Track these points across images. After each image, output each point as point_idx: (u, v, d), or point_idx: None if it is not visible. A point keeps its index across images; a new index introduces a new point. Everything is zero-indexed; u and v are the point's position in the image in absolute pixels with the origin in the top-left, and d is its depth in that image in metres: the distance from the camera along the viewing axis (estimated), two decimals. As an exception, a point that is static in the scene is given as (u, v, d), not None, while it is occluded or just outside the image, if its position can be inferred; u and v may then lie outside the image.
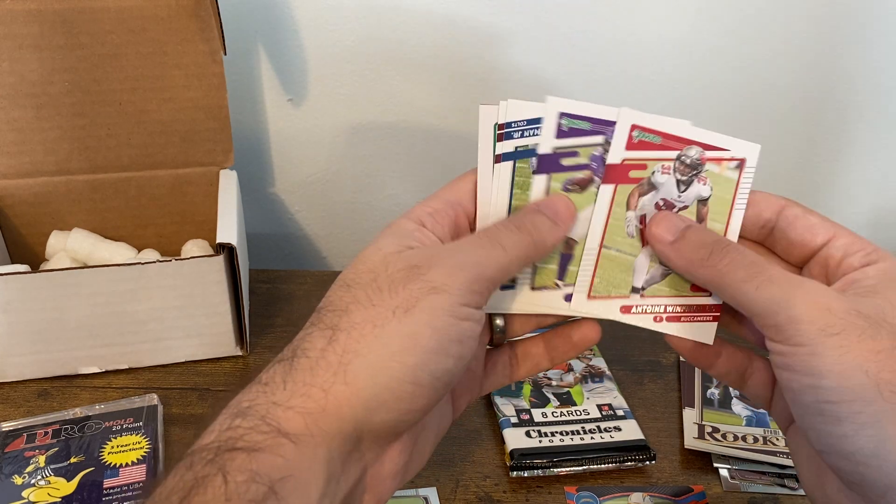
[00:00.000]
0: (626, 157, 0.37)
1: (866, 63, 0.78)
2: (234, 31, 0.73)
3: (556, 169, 0.38)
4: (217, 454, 0.29)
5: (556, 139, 0.38)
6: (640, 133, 0.38)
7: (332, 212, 0.87)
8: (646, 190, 0.38)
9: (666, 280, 0.39)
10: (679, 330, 0.39)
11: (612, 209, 0.38)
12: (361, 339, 0.32)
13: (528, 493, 0.56)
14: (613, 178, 0.38)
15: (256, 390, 0.32)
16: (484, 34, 0.76)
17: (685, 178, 0.38)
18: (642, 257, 0.38)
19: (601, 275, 0.38)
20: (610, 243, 0.38)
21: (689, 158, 0.38)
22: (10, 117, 0.67)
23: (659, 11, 0.75)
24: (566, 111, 0.37)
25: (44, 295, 0.60)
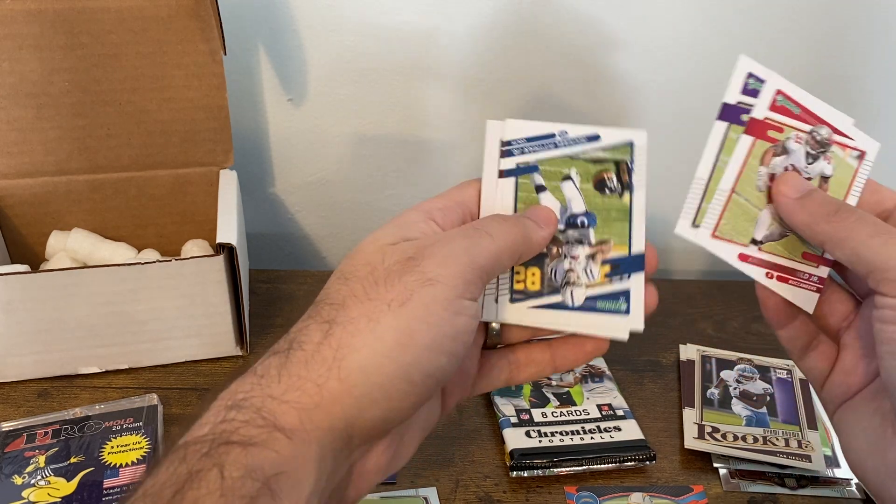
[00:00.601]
0: (767, 115, 0.40)
1: (866, 64, 0.78)
2: (234, 31, 0.73)
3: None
4: (212, 447, 0.29)
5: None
6: (784, 99, 0.40)
7: (332, 212, 0.87)
8: (779, 152, 0.40)
9: (783, 241, 0.40)
10: (784, 291, 0.41)
11: (748, 161, 0.40)
12: (357, 334, 0.32)
13: (528, 493, 0.56)
14: (754, 131, 0.40)
15: (252, 382, 0.32)
16: (482, 34, 0.76)
17: (814, 153, 0.41)
18: (766, 212, 0.40)
19: (728, 217, 0.40)
20: (740, 191, 0.40)
21: (819, 135, 0.41)
22: (10, 117, 0.67)
23: (659, 13, 0.75)
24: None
25: (44, 295, 0.60)
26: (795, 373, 0.67)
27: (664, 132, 0.82)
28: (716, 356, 0.69)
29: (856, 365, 0.40)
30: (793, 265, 0.41)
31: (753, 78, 0.40)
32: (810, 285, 0.41)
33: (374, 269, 0.34)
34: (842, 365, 0.41)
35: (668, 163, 0.89)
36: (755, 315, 0.76)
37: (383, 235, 0.36)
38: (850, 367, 0.41)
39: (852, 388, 0.40)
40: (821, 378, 0.42)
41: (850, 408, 0.40)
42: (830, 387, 0.41)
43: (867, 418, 0.38)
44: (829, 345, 0.42)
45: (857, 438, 0.39)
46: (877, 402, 0.39)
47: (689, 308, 0.76)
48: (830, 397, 0.41)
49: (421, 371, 0.32)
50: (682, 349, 0.70)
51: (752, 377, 0.66)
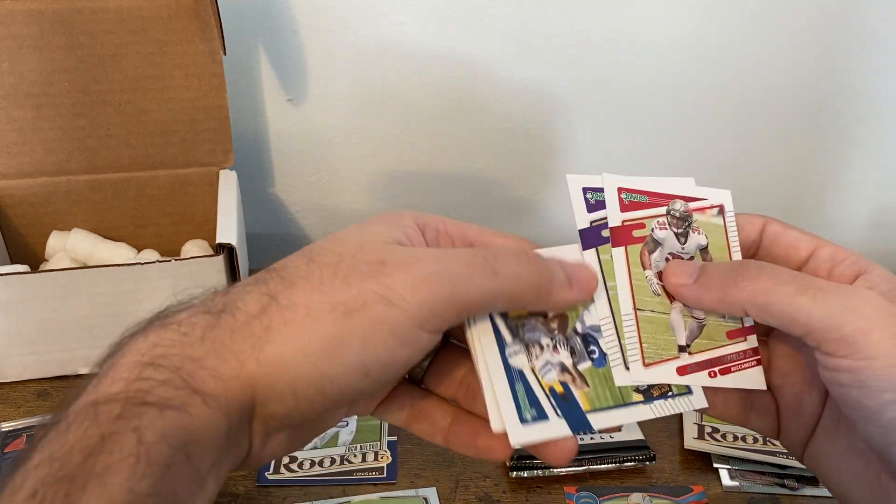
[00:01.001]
0: (623, 218, 0.38)
1: (866, 63, 0.78)
2: (234, 31, 0.73)
3: None
4: (125, 408, 0.26)
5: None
6: (628, 195, 0.38)
7: (332, 212, 0.87)
8: (652, 248, 0.38)
9: (704, 332, 0.38)
10: (733, 381, 0.38)
11: (632, 270, 0.38)
12: (289, 324, 0.29)
13: (528, 493, 0.56)
14: (620, 240, 0.38)
15: (172, 337, 0.29)
16: (483, 35, 0.76)
17: (681, 231, 0.38)
18: (675, 313, 0.38)
19: (647, 339, 0.37)
20: (641, 305, 0.37)
21: (677, 212, 0.39)
22: (10, 117, 0.67)
23: (659, 14, 0.75)
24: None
25: (44, 295, 0.60)
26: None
27: (670, 135, 0.82)
28: (716, 356, 0.69)
29: (799, 403, 0.37)
30: (725, 352, 0.38)
31: (590, 191, 0.38)
32: (749, 362, 0.38)
33: (341, 260, 0.31)
34: (786, 411, 0.38)
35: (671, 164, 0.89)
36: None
37: (368, 229, 0.33)
38: (794, 408, 0.38)
39: (808, 427, 0.37)
40: (774, 432, 0.39)
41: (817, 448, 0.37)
42: (787, 435, 0.38)
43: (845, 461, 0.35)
44: (764, 399, 0.38)
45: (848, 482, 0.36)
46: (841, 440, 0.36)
47: (689, 308, 0.76)
48: (791, 444, 0.38)
49: (337, 387, 0.29)
50: (682, 349, 0.70)
51: (752, 377, 0.66)
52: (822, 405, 0.37)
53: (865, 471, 0.35)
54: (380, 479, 0.56)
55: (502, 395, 0.33)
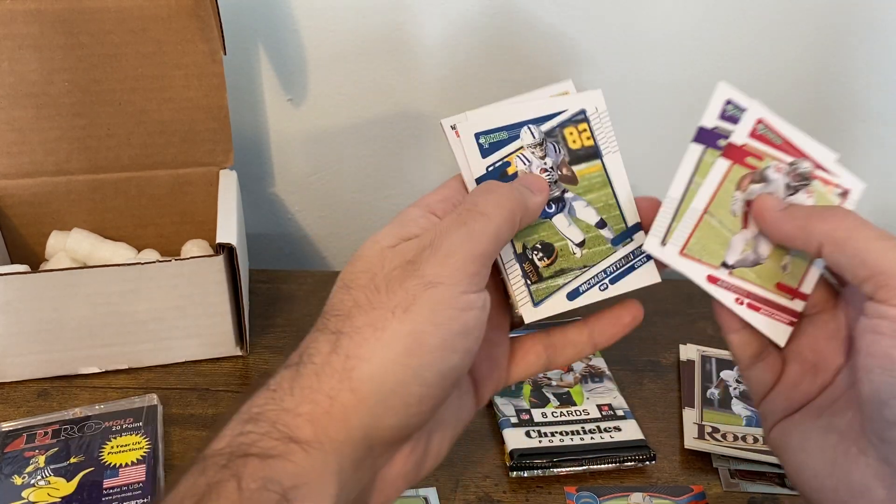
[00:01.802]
0: (746, 142, 0.39)
1: (867, 62, 0.78)
2: (234, 31, 0.73)
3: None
4: (230, 460, 0.29)
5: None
6: (765, 129, 0.39)
7: (332, 212, 0.87)
8: (758, 179, 0.39)
9: (756, 268, 0.39)
10: (755, 320, 0.39)
11: (724, 184, 0.39)
12: (364, 344, 0.32)
13: (528, 493, 0.56)
14: (732, 156, 0.39)
15: (266, 396, 0.32)
16: (483, 35, 0.76)
17: (794, 184, 0.39)
18: (739, 237, 0.39)
19: (698, 237, 0.39)
20: (714, 212, 0.39)
21: (801, 168, 0.39)
22: (10, 117, 0.67)
23: (661, 11, 0.75)
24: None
25: (44, 295, 0.60)
26: (795, 373, 0.67)
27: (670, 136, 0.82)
28: (716, 356, 0.69)
29: (801, 380, 0.39)
30: (766, 294, 0.39)
31: (732, 105, 0.39)
32: (783, 317, 0.39)
33: (375, 276, 0.33)
34: (787, 378, 0.39)
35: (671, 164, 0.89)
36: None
37: (382, 237, 0.35)
38: (794, 381, 0.39)
39: (794, 403, 0.39)
40: (763, 391, 0.40)
41: (793, 424, 0.38)
42: (771, 401, 0.40)
43: (818, 437, 0.37)
44: (776, 357, 0.40)
45: (810, 458, 0.37)
46: (825, 419, 0.37)
47: (689, 308, 0.76)
48: (770, 411, 0.40)
49: (434, 372, 0.32)
50: (682, 349, 0.70)
51: (752, 377, 0.66)
52: (819, 391, 0.39)
53: (835, 448, 0.36)
54: (380, 479, 0.56)
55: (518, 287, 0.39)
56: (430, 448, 0.36)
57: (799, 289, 0.39)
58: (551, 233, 0.39)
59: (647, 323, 0.78)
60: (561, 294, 0.39)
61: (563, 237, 0.39)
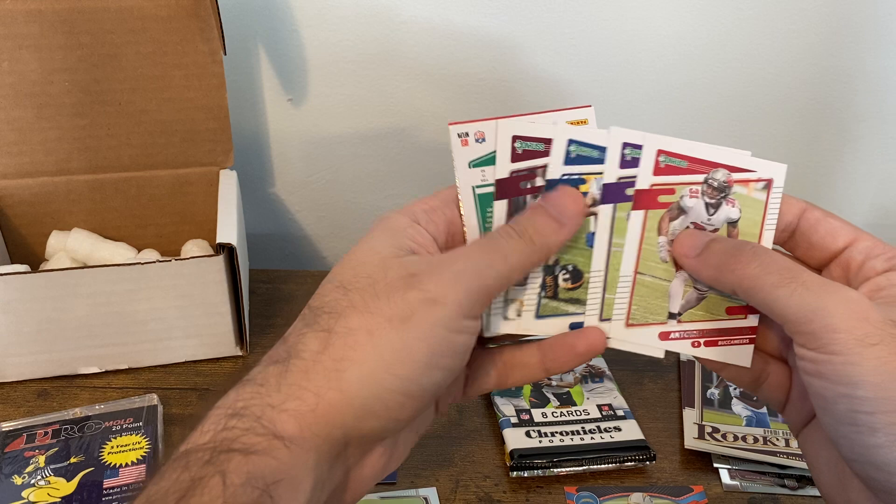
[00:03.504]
0: (654, 181, 0.37)
1: (867, 63, 0.78)
2: (234, 31, 0.73)
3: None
4: (213, 455, 0.29)
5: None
6: (667, 158, 0.38)
7: (332, 212, 0.87)
8: (675, 215, 0.38)
9: (702, 304, 0.39)
10: (717, 354, 0.39)
11: (645, 235, 0.38)
12: (357, 347, 0.32)
13: (528, 493, 0.56)
14: (643, 203, 0.38)
15: (251, 391, 0.32)
16: (483, 35, 0.76)
17: (713, 201, 0.38)
18: (677, 282, 0.38)
19: (638, 302, 0.38)
20: (644, 269, 0.38)
21: (716, 181, 0.38)
22: (10, 117, 0.67)
23: (661, 11, 0.75)
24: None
25: (44, 295, 0.60)
26: (795, 373, 0.67)
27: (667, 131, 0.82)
28: (716, 356, 0.69)
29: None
30: (719, 325, 0.39)
31: (629, 147, 0.37)
32: (741, 339, 0.39)
33: (376, 282, 0.33)
34: (796, 391, 0.39)
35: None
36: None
37: (380, 246, 0.35)
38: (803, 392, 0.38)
39: (811, 412, 0.38)
40: (778, 407, 0.40)
41: (812, 432, 0.38)
42: (789, 413, 0.40)
43: (827, 450, 0.37)
44: (779, 373, 0.40)
45: (821, 470, 0.37)
46: None
47: (689, 308, 0.76)
48: (791, 421, 0.40)
49: (418, 385, 0.33)
50: (683, 349, 0.70)
51: (752, 377, 0.66)
52: None
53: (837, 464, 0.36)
54: (380, 479, 0.56)
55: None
56: (396, 451, 0.37)
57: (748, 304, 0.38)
58: (587, 261, 0.38)
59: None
60: (564, 321, 0.38)
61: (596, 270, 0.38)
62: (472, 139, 0.38)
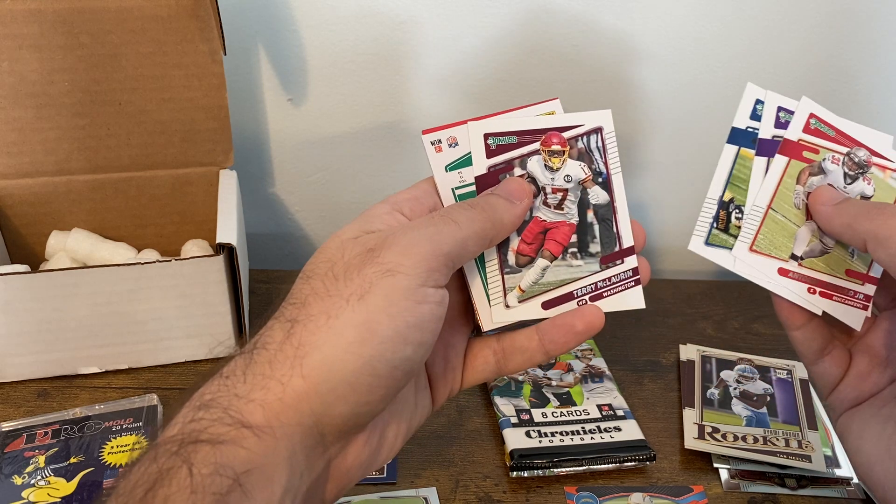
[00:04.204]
0: (801, 137, 0.40)
1: (867, 63, 0.78)
2: (234, 31, 0.73)
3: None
4: (181, 446, 0.29)
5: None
6: (817, 122, 0.41)
7: (332, 212, 0.87)
8: (816, 171, 0.40)
9: (824, 257, 0.40)
10: (829, 307, 0.40)
11: (784, 179, 0.40)
12: (317, 332, 0.32)
13: (528, 493, 0.56)
14: (788, 151, 0.40)
15: (218, 383, 0.32)
16: (482, 36, 0.76)
17: (852, 173, 0.40)
18: (805, 229, 0.40)
19: (765, 233, 0.40)
20: (777, 208, 0.40)
21: (857, 157, 0.41)
22: (10, 117, 0.67)
23: (660, 11, 0.75)
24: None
25: (44, 295, 0.60)
26: (795, 373, 0.67)
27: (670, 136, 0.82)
28: (716, 356, 0.69)
29: (870, 371, 0.40)
30: (836, 282, 0.40)
31: (783, 111, 0.41)
32: (857, 302, 0.40)
33: (334, 265, 0.33)
34: (855, 370, 0.41)
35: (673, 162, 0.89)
36: (755, 315, 0.76)
37: (345, 231, 0.35)
38: (864, 373, 0.40)
39: (864, 394, 0.40)
40: (832, 383, 0.41)
41: (858, 413, 0.40)
42: (840, 392, 0.41)
43: (877, 424, 0.38)
44: (843, 350, 0.41)
45: (866, 443, 0.39)
46: (888, 409, 0.39)
47: (689, 308, 0.76)
48: (839, 402, 0.41)
49: (386, 363, 0.32)
50: (682, 349, 0.70)
51: (752, 377, 0.66)
52: (888, 383, 0.40)
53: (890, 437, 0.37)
54: (380, 479, 0.56)
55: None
56: (384, 440, 0.36)
57: (869, 273, 0.40)
58: None
59: (647, 323, 0.78)
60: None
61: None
62: (446, 144, 0.40)
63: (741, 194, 0.40)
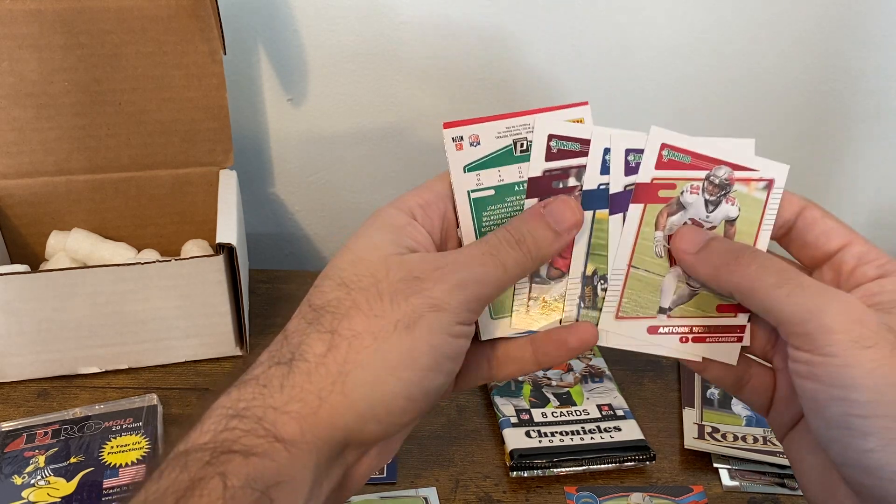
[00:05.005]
0: (655, 175, 0.37)
1: (868, 63, 0.78)
2: (234, 31, 0.73)
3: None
4: (213, 456, 0.29)
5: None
6: (671, 152, 0.37)
7: (332, 212, 0.87)
8: (674, 210, 0.38)
9: (693, 301, 0.39)
10: (704, 350, 0.39)
11: (641, 229, 0.38)
12: (362, 351, 0.32)
13: (528, 493, 0.56)
14: (643, 197, 0.37)
15: (253, 391, 0.32)
16: (483, 35, 0.76)
17: (714, 198, 0.38)
18: (670, 277, 0.38)
19: (629, 295, 0.38)
20: (638, 263, 0.38)
21: (717, 178, 0.38)
22: (10, 117, 0.67)
23: (664, 12, 0.75)
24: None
25: (44, 295, 0.60)
26: (795, 373, 0.67)
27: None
28: (716, 356, 0.69)
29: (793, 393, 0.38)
30: (708, 322, 0.39)
31: (632, 153, 0.37)
32: (730, 337, 0.39)
33: (379, 283, 0.34)
34: (780, 393, 0.39)
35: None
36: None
37: (381, 243, 0.35)
38: (788, 395, 0.38)
39: (796, 416, 0.38)
40: (762, 410, 0.40)
41: (797, 436, 0.38)
42: (774, 416, 0.39)
43: (812, 454, 0.36)
44: (763, 376, 0.40)
45: (806, 474, 0.37)
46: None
47: (689, 308, 0.76)
48: (776, 425, 0.40)
49: (421, 389, 0.33)
50: (682, 349, 0.70)
51: (752, 377, 0.66)
52: None
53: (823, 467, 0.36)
54: (380, 479, 0.56)
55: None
56: (388, 449, 0.37)
57: (737, 302, 0.38)
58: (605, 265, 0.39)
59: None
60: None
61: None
62: (467, 142, 0.37)
63: (603, 262, 0.38)
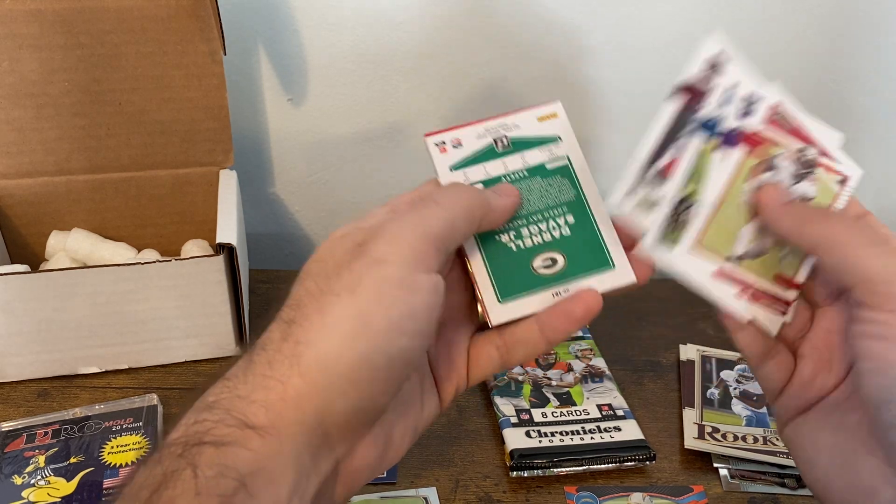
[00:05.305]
0: (760, 129, 0.39)
1: (868, 63, 0.78)
2: (234, 31, 0.73)
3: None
4: (185, 448, 0.29)
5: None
6: (780, 115, 0.40)
7: (332, 212, 0.87)
8: (766, 168, 0.39)
9: (758, 260, 0.39)
10: (750, 311, 0.39)
11: (736, 174, 0.39)
12: (311, 329, 0.32)
13: (528, 493, 0.56)
14: (746, 143, 0.39)
15: (221, 386, 0.32)
16: (483, 35, 0.76)
17: (800, 173, 0.40)
18: (748, 228, 0.39)
19: (714, 229, 0.39)
20: (728, 204, 0.39)
21: (807, 156, 0.40)
22: (10, 117, 0.67)
23: (665, 12, 0.75)
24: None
25: (44, 295, 0.60)
26: (795, 373, 0.67)
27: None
28: (716, 356, 0.69)
29: (814, 377, 0.39)
30: (764, 286, 0.39)
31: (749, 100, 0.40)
32: (777, 308, 0.39)
33: (326, 264, 0.33)
34: (799, 376, 0.39)
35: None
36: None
37: (338, 230, 0.35)
38: (808, 378, 0.39)
39: (809, 400, 0.39)
40: (776, 388, 0.40)
41: (807, 421, 0.38)
42: (786, 398, 0.40)
43: (830, 435, 0.37)
44: (787, 353, 0.40)
45: (820, 455, 0.37)
46: (836, 416, 0.37)
47: (689, 308, 0.76)
48: (785, 409, 0.40)
49: (383, 354, 0.32)
50: (682, 349, 0.70)
51: (752, 377, 0.66)
52: (833, 387, 0.39)
53: (844, 446, 0.36)
54: (380, 478, 0.56)
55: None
56: (391, 440, 0.36)
57: (794, 278, 0.40)
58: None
59: (647, 323, 0.78)
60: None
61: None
62: (450, 146, 0.40)
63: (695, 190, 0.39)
